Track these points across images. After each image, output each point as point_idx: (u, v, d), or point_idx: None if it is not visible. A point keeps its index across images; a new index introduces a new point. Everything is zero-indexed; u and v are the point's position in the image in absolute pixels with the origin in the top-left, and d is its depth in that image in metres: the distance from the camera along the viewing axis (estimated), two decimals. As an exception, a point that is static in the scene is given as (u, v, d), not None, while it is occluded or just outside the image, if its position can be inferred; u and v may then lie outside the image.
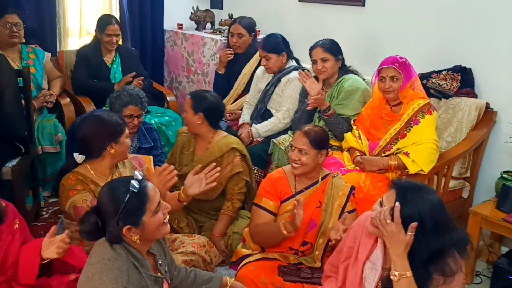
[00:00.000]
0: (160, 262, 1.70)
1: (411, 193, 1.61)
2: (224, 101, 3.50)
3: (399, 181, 1.69)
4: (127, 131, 2.18)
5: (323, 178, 2.36)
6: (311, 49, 2.88)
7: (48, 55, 3.44)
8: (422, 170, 2.47)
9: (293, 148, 2.31)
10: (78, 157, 2.15)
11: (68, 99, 3.42)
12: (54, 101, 3.32)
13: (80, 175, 2.14)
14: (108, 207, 1.54)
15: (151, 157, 2.44)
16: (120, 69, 3.60)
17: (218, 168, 2.24)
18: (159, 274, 1.68)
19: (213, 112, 2.64)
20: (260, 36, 3.65)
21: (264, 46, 3.11)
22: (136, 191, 1.52)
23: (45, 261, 1.77)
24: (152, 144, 2.90)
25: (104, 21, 3.49)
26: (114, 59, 3.60)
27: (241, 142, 2.76)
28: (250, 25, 3.47)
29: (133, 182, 1.54)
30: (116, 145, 2.11)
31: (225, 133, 2.74)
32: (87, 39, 3.84)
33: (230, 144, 2.66)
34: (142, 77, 3.45)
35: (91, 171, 2.17)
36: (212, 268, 2.33)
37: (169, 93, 3.86)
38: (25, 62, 3.26)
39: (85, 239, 1.67)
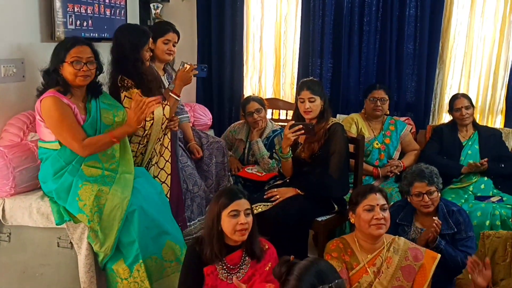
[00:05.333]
0: None
1: None
2: None
3: None
4: (368, 203, 2.12)
5: None
6: None
7: (407, 127, 3.59)
8: None
9: None
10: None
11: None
12: (399, 171, 3.42)
13: (343, 242, 2.22)
14: (292, 280, 1.54)
15: (438, 257, 2.15)
16: (476, 147, 3.36)
17: None
18: None
19: None
20: None
21: None
22: None
23: None
24: (456, 229, 2.54)
25: (452, 98, 3.43)
26: (471, 136, 3.40)
27: None
28: None
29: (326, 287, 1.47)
30: (353, 214, 2.08)
31: None
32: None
33: None
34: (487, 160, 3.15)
35: (356, 241, 2.20)
36: None
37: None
38: (383, 132, 3.53)
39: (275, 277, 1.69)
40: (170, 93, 2.83)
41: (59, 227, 2.40)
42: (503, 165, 3.29)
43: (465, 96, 3.43)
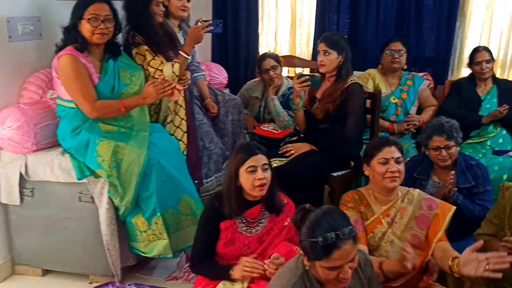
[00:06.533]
0: (351, 297, 1.62)
1: None
2: None
3: None
4: (383, 156, 2.10)
5: None
6: None
7: (425, 83, 3.54)
8: None
9: None
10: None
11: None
12: (418, 125, 3.39)
13: (358, 194, 2.24)
14: (305, 228, 1.58)
15: (453, 209, 2.12)
16: (495, 101, 3.30)
17: (505, 255, 1.71)
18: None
19: None
20: None
21: None
22: (322, 244, 1.49)
23: None
24: (474, 183, 2.52)
25: (473, 51, 3.34)
26: (490, 90, 3.33)
27: None
28: None
29: (331, 235, 1.48)
30: (368, 167, 2.09)
31: None
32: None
33: None
34: (507, 107, 3.10)
35: (371, 194, 2.21)
36: None
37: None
38: (400, 87, 3.48)
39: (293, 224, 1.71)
40: (179, 51, 2.82)
41: (80, 182, 2.47)
42: None
43: (486, 49, 3.33)
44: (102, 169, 2.41)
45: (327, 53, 2.78)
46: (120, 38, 2.69)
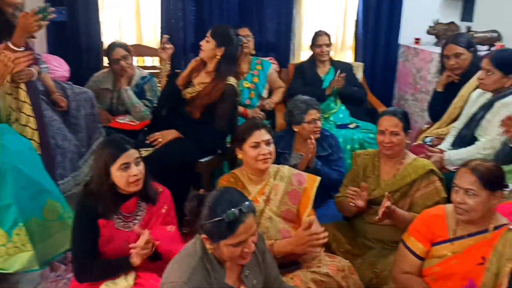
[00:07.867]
0: (246, 273, 1.68)
1: None
2: (436, 125, 3.12)
3: None
4: (254, 140, 2.19)
5: (495, 228, 1.87)
6: None
7: (273, 66, 3.77)
8: None
9: (456, 188, 1.90)
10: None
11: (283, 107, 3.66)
12: (271, 108, 3.61)
13: (233, 176, 2.30)
14: (206, 210, 1.58)
15: (318, 179, 2.32)
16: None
17: (326, 234, 2.01)
18: (241, 285, 1.66)
19: None
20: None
21: (493, 58, 2.60)
22: (227, 220, 1.52)
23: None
24: (330, 150, 2.84)
25: (315, 35, 3.69)
26: (328, 71, 3.72)
27: None
28: (468, 42, 3.01)
29: (234, 210, 1.52)
30: (240, 151, 2.19)
31: (413, 155, 2.46)
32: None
33: (427, 166, 2.35)
34: (345, 74, 3.55)
35: (245, 175, 2.29)
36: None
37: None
38: (251, 72, 3.64)
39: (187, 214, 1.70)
40: (7, 42, 2.48)
41: None
42: (355, 88, 3.73)
43: (326, 34, 3.70)
44: None
45: (207, 40, 2.79)
46: None
